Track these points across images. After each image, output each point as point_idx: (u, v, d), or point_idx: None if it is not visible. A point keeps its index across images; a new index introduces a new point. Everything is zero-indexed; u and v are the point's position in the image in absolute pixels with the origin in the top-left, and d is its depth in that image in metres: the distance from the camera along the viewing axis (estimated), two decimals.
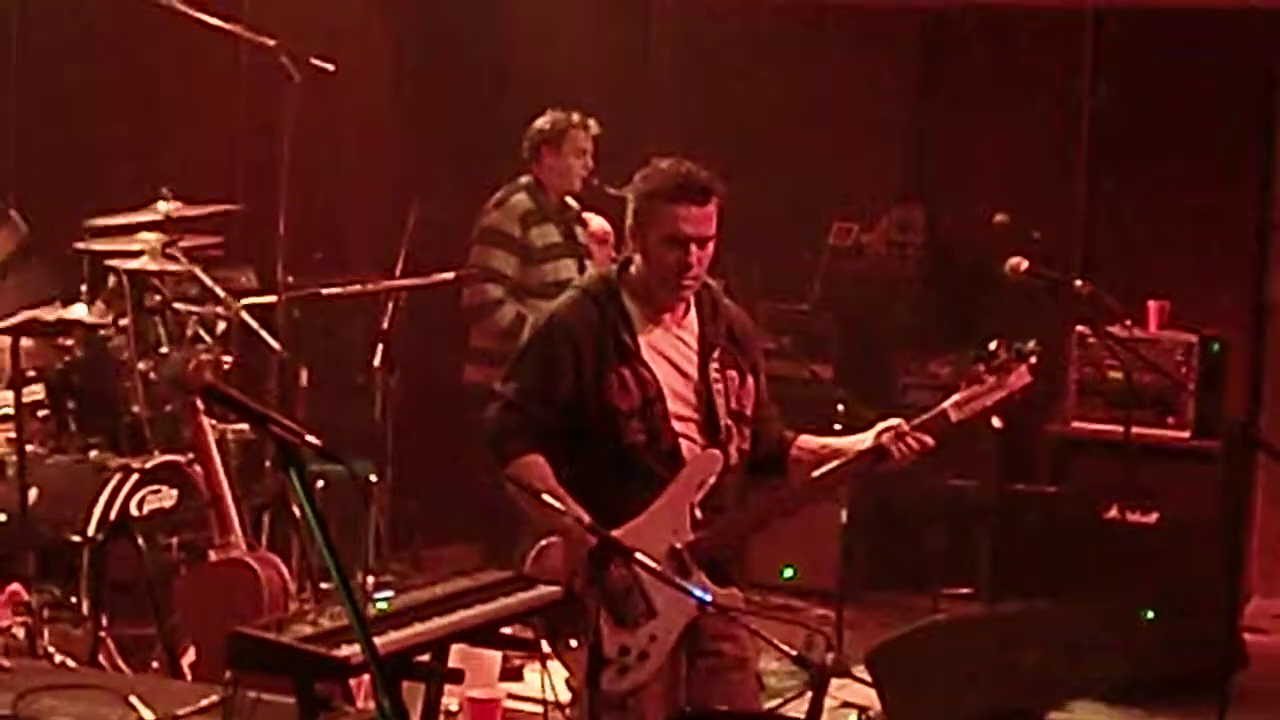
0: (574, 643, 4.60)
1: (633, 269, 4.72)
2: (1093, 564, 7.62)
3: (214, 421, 5.89)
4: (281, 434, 3.16)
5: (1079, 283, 6.11)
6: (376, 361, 7.44)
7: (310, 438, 3.17)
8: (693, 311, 4.74)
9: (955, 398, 4.84)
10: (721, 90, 8.99)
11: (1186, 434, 7.94)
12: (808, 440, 4.91)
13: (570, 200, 7.32)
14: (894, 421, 4.81)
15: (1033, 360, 4.84)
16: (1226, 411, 8.08)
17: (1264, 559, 8.46)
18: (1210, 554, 7.68)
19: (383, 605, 4.30)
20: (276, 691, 4.28)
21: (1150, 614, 7.06)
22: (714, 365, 4.70)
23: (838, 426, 7.10)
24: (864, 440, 4.80)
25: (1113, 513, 7.79)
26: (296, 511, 6.35)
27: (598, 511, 4.48)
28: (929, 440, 4.76)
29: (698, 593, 4.47)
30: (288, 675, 4.06)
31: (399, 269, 7.48)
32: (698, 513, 4.66)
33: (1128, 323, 7.86)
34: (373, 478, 7.46)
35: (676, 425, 4.65)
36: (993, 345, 4.85)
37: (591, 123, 7.25)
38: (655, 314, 4.69)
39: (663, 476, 4.64)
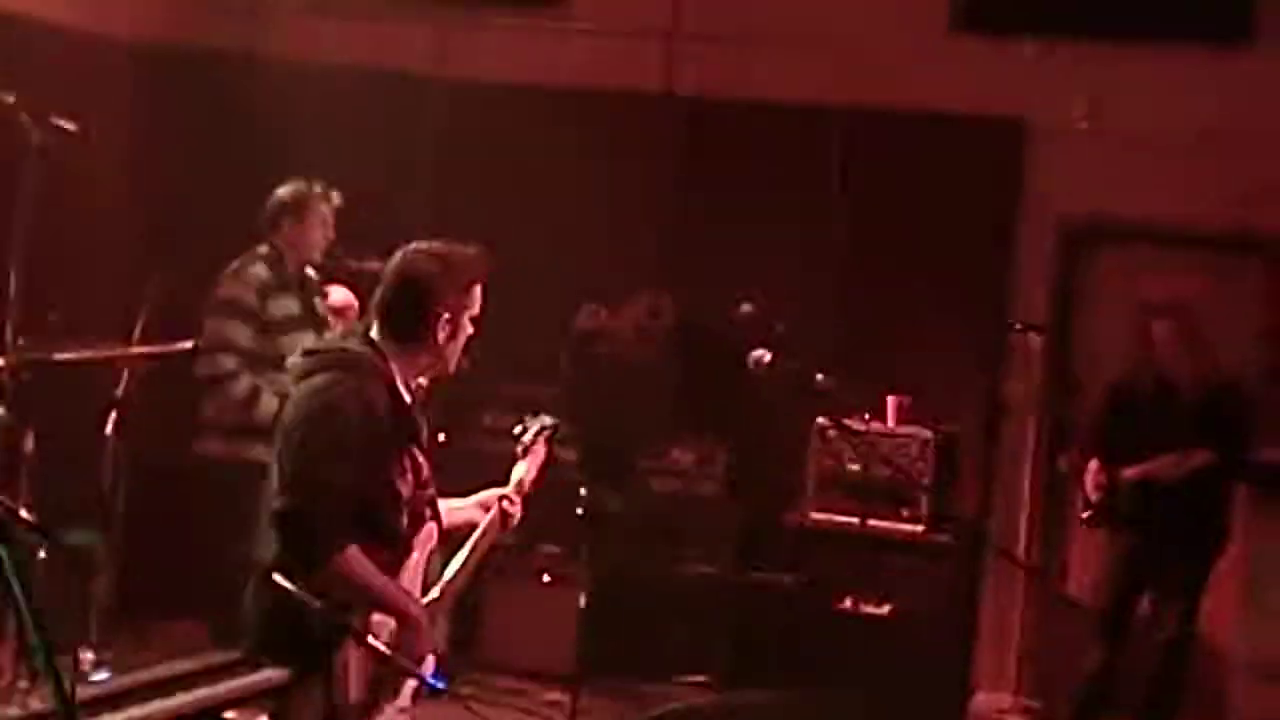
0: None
1: (395, 349, 4.61)
2: (827, 653, 7.72)
3: None
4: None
5: (820, 377, 6.20)
6: (108, 429, 7.21)
7: (24, 513, 3.03)
8: None
9: (520, 473, 5.07)
10: (482, 170, 8.97)
11: (920, 528, 8.11)
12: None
13: (310, 271, 7.22)
14: (501, 491, 5.02)
15: (548, 434, 5.19)
16: (959, 506, 8.27)
17: (989, 653, 8.63)
18: (940, 646, 7.84)
19: (98, 686, 4.14)
20: None
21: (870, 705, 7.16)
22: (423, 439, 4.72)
23: (579, 511, 7.10)
24: (469, 504, 4.98)
25: (847, 603, 7.91)
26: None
27: None
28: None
29: (432, 681, 4.45)
30: None
31: (136, 336, 7.28)
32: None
33: (866, 416, 8.04)
34: (98, 548, 7.22)
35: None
36: (517, 429, 5.21)
37: (334, 194, 7.17)
38: (408, 390, 4.64)
39: (404, 556, 4.64)
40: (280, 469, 4.56)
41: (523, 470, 5.07)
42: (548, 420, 5.25)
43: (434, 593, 4.83)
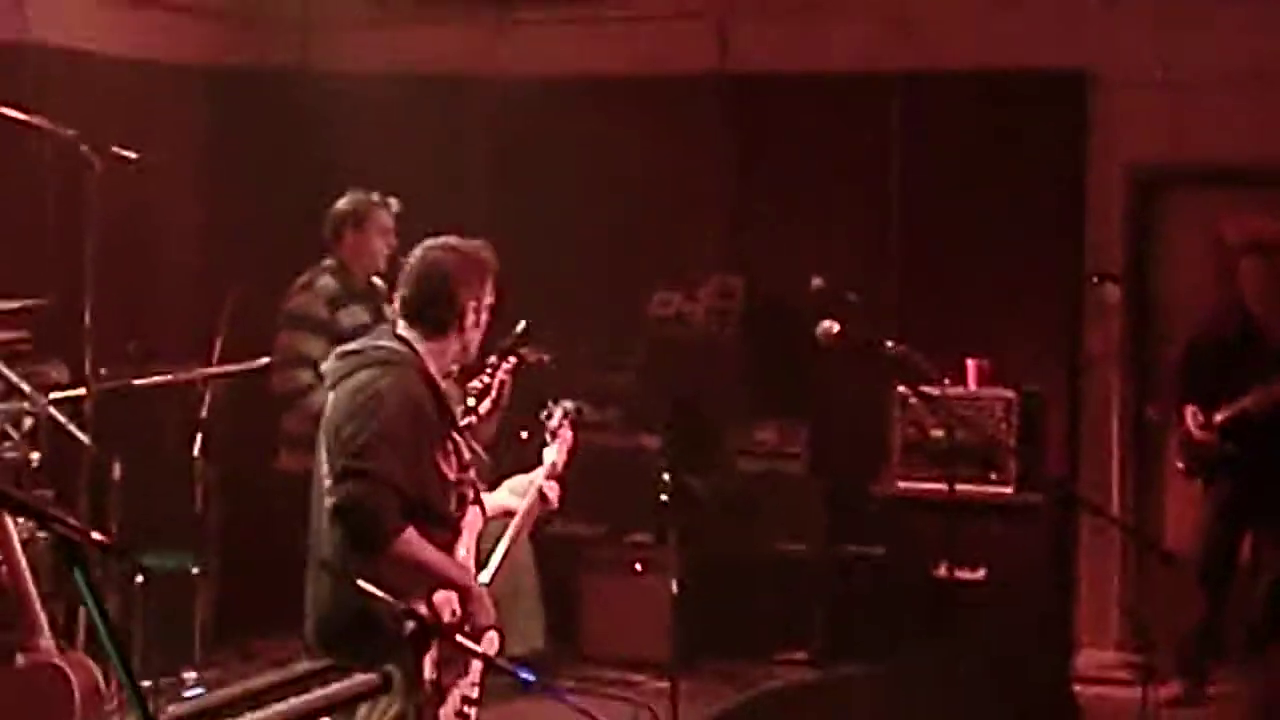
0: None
1: (428, 344, 4.87)
2: (924, 622, 7.68)
3: (21, 520, 5.72)
4: (64, 531, 3.05)
5: (890, 344, 6.16)
6: (195, 451, 7.29)
7: (95, 534, 3.07)
8: None
9: (551, 456, 5.36)
10: (540, 166, 8.98)
11: (1009, 490, 8.05)
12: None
13: (376, 280, 7.26)
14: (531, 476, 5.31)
15: (572, 417, 5.46)
16: (1047, 465, 8.20)
17: (1090, 610, 8.56)
18: (1038, 607, 7.78)
19: (192, 702, 4.20)
20: None
21: (980, 670, 7.09)
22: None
23: (664, 498, 7.10)
24: (502, 491, 5.27)
25: (941, 571, 7.86)
26: (110, 610, 6.17)
27: None
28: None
29: (524, 675, 4.51)
30: None
31: (215, 356, 7.35)
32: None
33: (947, 381, 7.98)
34: (194, 570, 7.30)
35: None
36: (543, 414, 5.46)
37: (393, 201, 7.21)
38: (443, 380, 4.90)
39: (454, 539, 4.88)
40: (331, 465, 4.75)
41: (553, 454, 5.35)
42: (570, 404, 5.48)
43: (484, 576, 4.98)
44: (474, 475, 4.94)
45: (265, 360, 7.12)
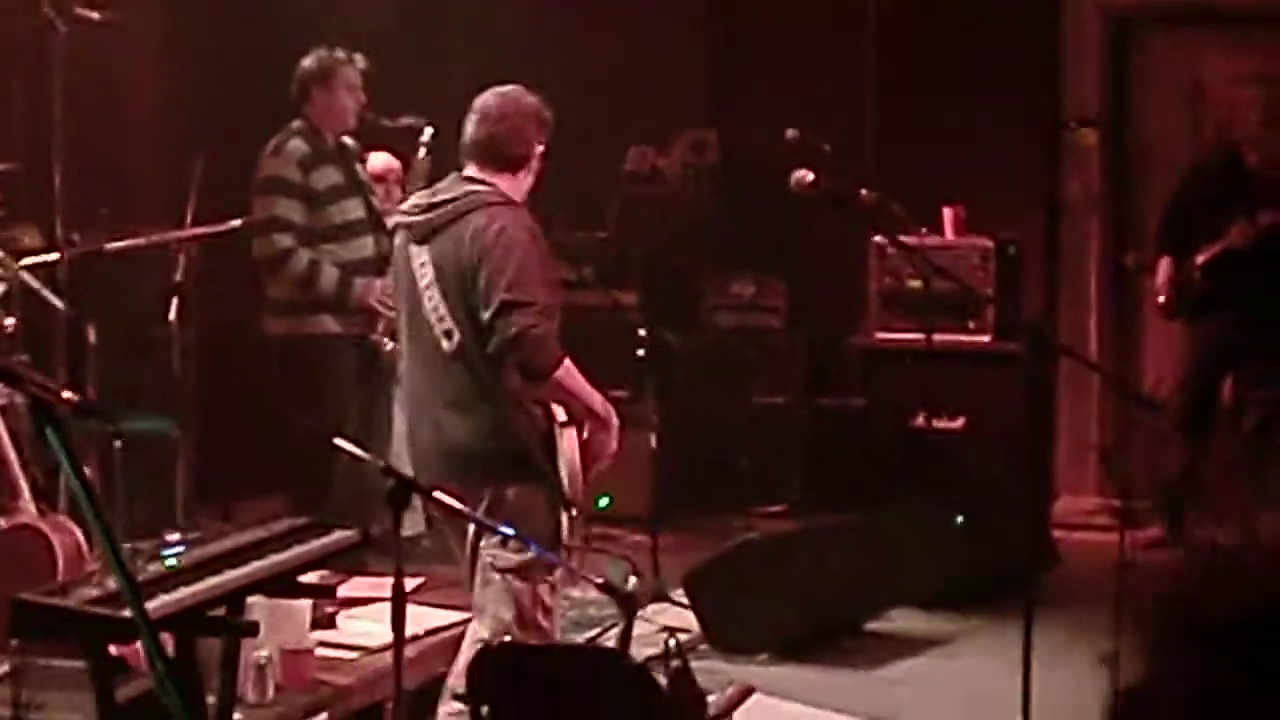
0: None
1: (509, 183, 5.01)
2: (902, 472, 7.71)
3: (1, 385, 5.72)
4: (37, 391, 3.04)
5: (864, 192, 6.13)
6: (171, 315, 7.26)
7: (67, 394, 3.05)
8: None
9: None
10: (509, 19, 8.88)
11: (987, 338, 8.06)
12: None
13: (347, 139, 7.19)
14: None
15: None
16: (1025, 313, 8.20)
17: (1070, 458, 8.61)
18: (1017, 456, 7.80)
19: (171, 562, 4.21)
20: (71, 657, 4.17)
21: (960, 519, 7.14)
22: None
23: (641, 353, 7.10)
24: None
25: (919, 421, 7.88)
26: (88, 473, 6.19)
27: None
28: None
29: (503, 529, 4.74)
30: (74, 639, 3.97)
31: (188, 220, 7.30)
32: None
33: (924, 230, 7.96)
34: (172, 433, 7.30)
35: None
36: None
37: (358, 57, 7.12)
38: None
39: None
40: (466, 309, 4.90)
41: None
42: None
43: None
44: None
45: (237, 222, 7.06)
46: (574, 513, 4.96)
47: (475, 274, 4.87)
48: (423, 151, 7.09)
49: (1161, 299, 7.83)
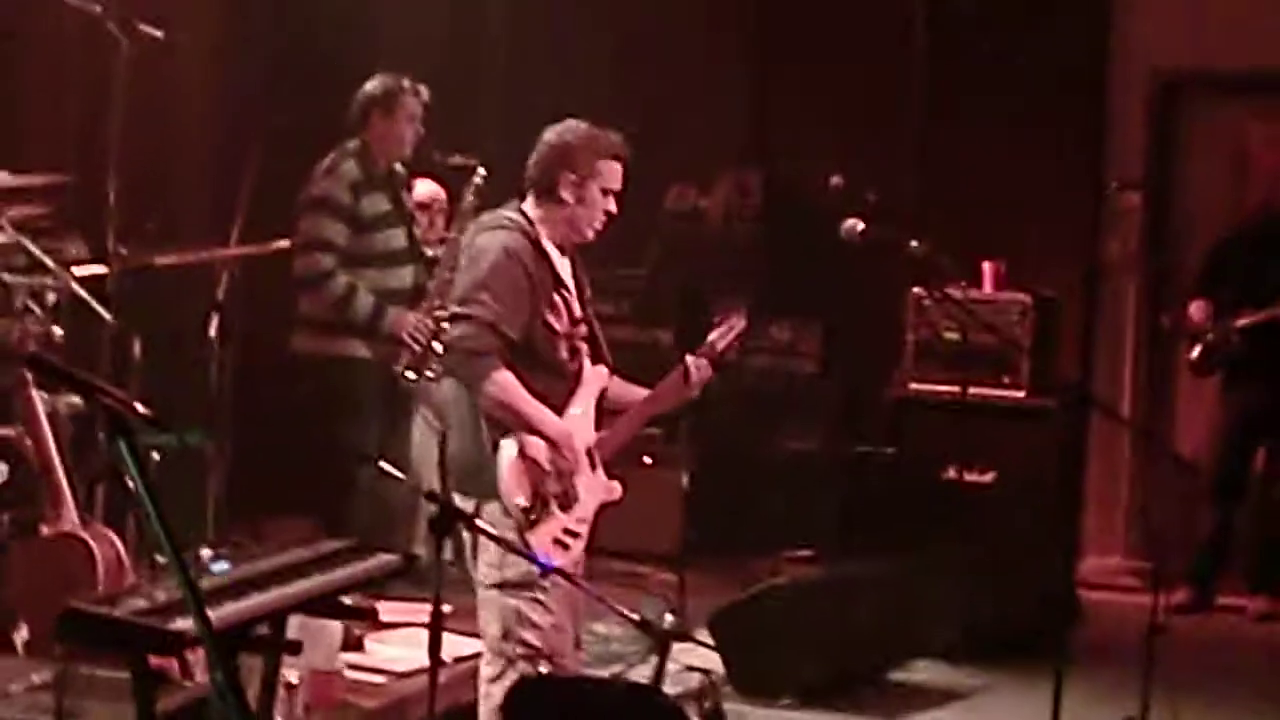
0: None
1: (538, 211, 5.20)
2: (932, 523, 7.72)
3: (44, 394, 5.77)
4: (110, 403, 3.08)
5: (915, 243, 6.15)
6: (211, 332, 7.30)
7: (139, 406, 3.09)
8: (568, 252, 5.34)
9: (712, 335, 5.60)
10: (556, 54, 8.93)
11: (1022, 394, 8.08)
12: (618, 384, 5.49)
13: (398, 167, 7.23)
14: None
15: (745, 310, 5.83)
16: (1060, 370, 8.22)
17: (1097, 516, 8.61)
18: (1046, 512, 7.82)
19: (219, 577, 4.24)
20: (111, 667, 4.20)
21: (986, 572, 7.15)
22: (586, 296, 5.35)
23: None
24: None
25: (950, 473, 7.89)
26: (129, 483, 6.22)
27: None
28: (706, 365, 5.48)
29: (542, 560, 4.91)
30: (121, 650, 3.99)
31: (234, 239, 7.34)
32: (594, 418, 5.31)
33: (963, 284, 7.98)
34: (207, 448, 7.34)
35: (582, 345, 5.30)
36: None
37: (423, 88, 7.13)
38: (557, 249, 5.23)
39: (573, 388, 5.24)
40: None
41: (716, 335, 5.57)
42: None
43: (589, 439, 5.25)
44: (584, 330, 5.25)
45: (285, 243, 7.10)
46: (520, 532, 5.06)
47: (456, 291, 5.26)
48: (471, 193, 7.12)
49: (1194, 353, 7.84)
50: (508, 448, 5.08)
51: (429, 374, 7.00)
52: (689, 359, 5.47)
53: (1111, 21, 8.58)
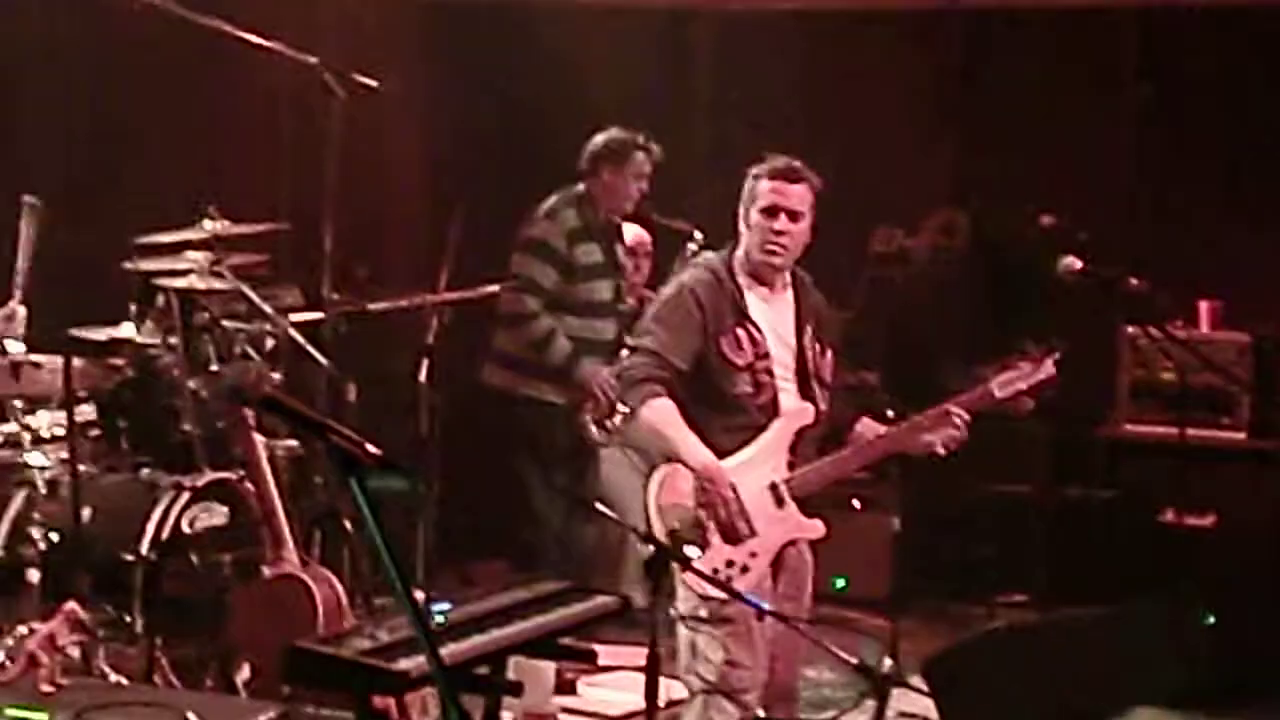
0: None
1: (741, 249, 5.34)
2: (1149, 568, 7.54)
3: (264, 438, 5.87)
4: (342, 443, 3.12)
5: (1134, 281, 6.04)
6: (421, 376, 7.39)
7: (371, 448, 3.12)
8: (790, 290, 5.43)
9: (998, 379, 5.64)
10: (763, 101, 8.94)
11: (1243, 435, 7.88)
12: (869, 425, 5.58)
13: (617, 220, 7.24)
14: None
15: (1058, 355, 5.74)
16: None
17: None
18: (1267, 557, 7.60)
19: (440, 618, 4.27)
20: (332, 706, 4.25)
21: (1210, 618, 6.96)
22: (808, 335, 5.39)
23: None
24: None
25: (1169, 516, 7.71)
26: (349, 525, 6.33)
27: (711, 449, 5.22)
28: (967, 416, 5.52)
29: (753, 600, 4.99)
30: (346, 689, 4.04)
31: (442, 284, 7.43)
32: (790, 457, 5.33)
33: (1179, 322, 7.82)
34: (419, 493, 7.41)
35: (776, 381, 5.30)
36: (1028, 344, 5.70)
37: (655, 147, 7.14)
38: (759, 285, 5.34)
39: (761, 423, 5.27)
40: None
41: (1003, 378, 5.66)
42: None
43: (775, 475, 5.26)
44: (769, 364, 5.27)
45: (494, 288, 7.17)
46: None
47: None
48: (688, 255, 7.12)
49: None
50: (656, 476, 5.18)
51: (609, 427, 7.05)
52: (947, 409, 5.50)
53: None
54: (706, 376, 5.23)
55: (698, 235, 7.20)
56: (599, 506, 4.91)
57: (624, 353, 5.48)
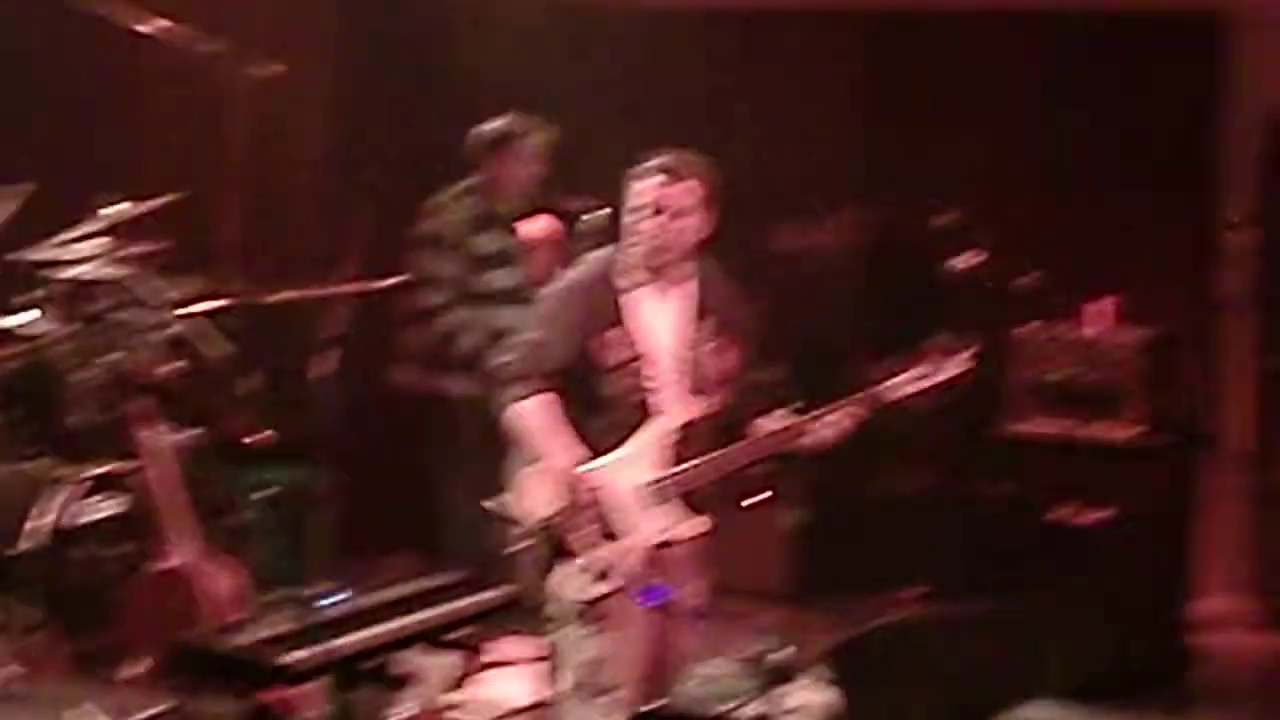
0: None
1: (626, 246, 5.32)
2: (1044, 563, 7.64)
3: (162, 428, 5.83)
4: (237, 432, 3.11)
5: (1028, 277, 6.11)
6: (320, 367, 7.35)
7: (262, 435, 3.12)
8: (692, 283, 5.38)
9: (898, 379, 5.59)
10: (665, 95, 8.95)
11: (1135, 432, 7.97)
12: (770, 421, 5.52)
13: (513, 207, 7.24)
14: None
15: (970, 353, 5.60)
16: (1176, 409, 8.10)
17: (1213, 556, 8.48)
18: (1159, 552, 7.72)
19: (332, 610, 4.27)
20: (223, 699, 4.23)
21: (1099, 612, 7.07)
22: (705, 330, 5.37)
23: None
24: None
25: (1062, 513, 7.81)
26: (245, 516, 6.30)
27: (584, 449, 5.21)
28: (864, 414, 5.52)
29: (655, 595, 5.16)
30: (231, 683, 4.03)
31: (346, 275, 7.39)
32: (674, 454, 5.30)
33: (1074, 321, 7.92)
34: (316, 485, 7.39)
35: (657, 380, 5.28)
36: (940, 337, 5.59)
37: (548, 129, 7.14)
38: (651, 281, 5.30)
39: (638, 421, 5.26)
40: None
41: (902, 378, 5.64)
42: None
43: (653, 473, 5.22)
44: (638, 365, 5.24)
45: (399, 279, 7.15)
46: None
47: None
48: (585, 232, 7.13)
49: None
50: (529, 471, 5.21)
51: None
52: (832, 413, 5.49)
53: (1227, 58, 8.48)
54: (583, 375, 5.25)
55: (601, 213, 7.18)
56: (487, 506, 4.95)
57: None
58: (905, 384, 5.53)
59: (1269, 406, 8.52)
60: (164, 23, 6.61)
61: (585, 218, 7.17)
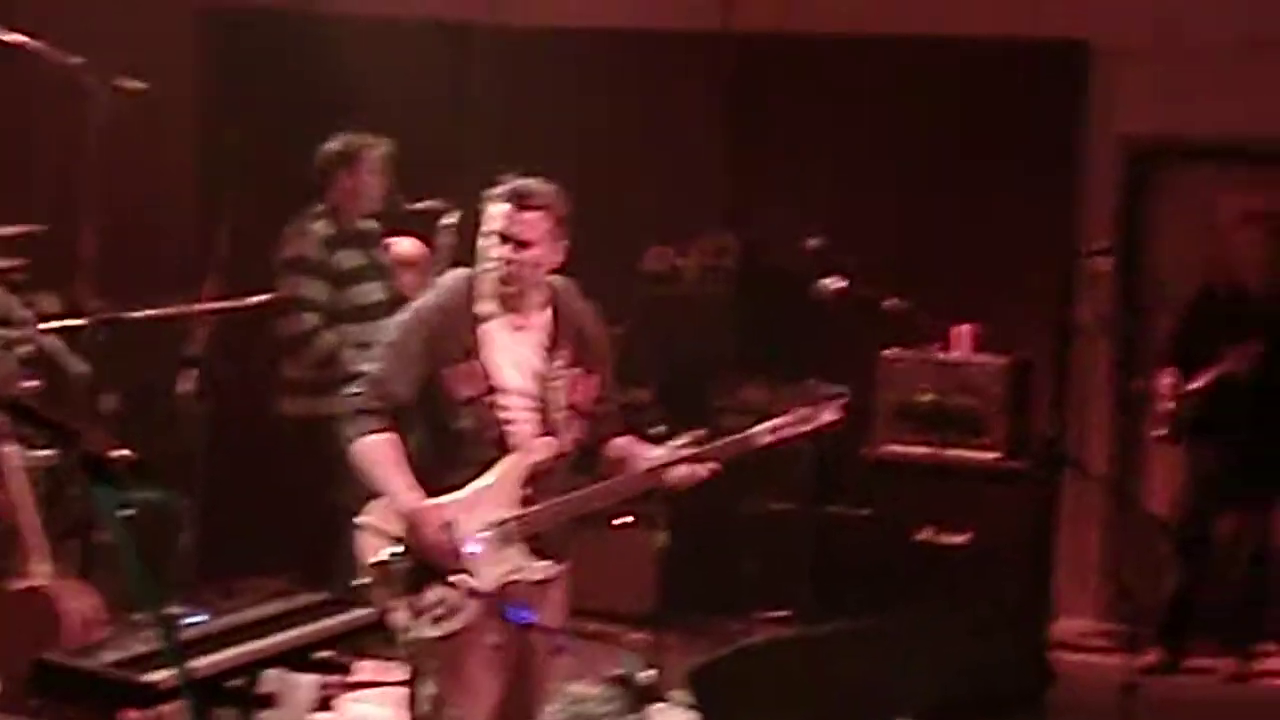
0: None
1: (479, 274, 5.03)
2: (906, 584, 7.72)
3: (16, 445, 5.71)
4: (92, 450, 3.06)
5: (893, 302, 6.18)
6: (186, 387, 7.26)
7: (120, 453, 3.08)
8: (547, 310, 5.08)
9: (767, 425, 5.31)
10: (537, 117, 8.97)
11: (996, 455, 8.09)
12: (628, 443, 5.27)
13: (370, 222, 7.24)
14: (701, 432, 5.42)
15: (842, 401, 5.47)
16: (1034, 433, 8.24)
17: (1070, 578, 8.61)
18: (1020, 573, 7.83)
19: (193, 629, 4.21)
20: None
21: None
22: (562, 360, 5.05)
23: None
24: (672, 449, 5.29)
25: (925, 534, 7.90)
26: (104, 536, 6.20)
27: (432, 486, 4.94)
28: (718, 465, 5.25)
29: (522, 614, 4.90)
30: (94, 702, 3.96)
31: (210, 293, 7.32)
32: (526, 492, 5.00)
33: (938, 345, 8.03)
34: (179, 506, 7.30)
35: (510, 414, 4.99)
36: (810, 383, 5.50)
37: (384, 141, 7.18)
38: (503, 311, 5.02)
39: (491, 457, 4.97)
40: None
41: (775, 422, 5.35)
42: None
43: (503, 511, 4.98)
44: (494, 398, 4.97)
45: (261, 298, 7.09)
46: None
47: None
48: (445, 237, 7.13)
49: (1157, 429, 7.90)
50: (374, 505, 4.98)
51: None
52: (687, 466, 5.20)
53: (1085, 88, 8.65)
54: (431, 408, 4.99)
55: (451, 214, 7.15)
56: (358, 523, 4.85)
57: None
58: (776, 430, 5.30)
59: (1125, 428, 8.68)
60: (22, 37, 6.48)
61: (444, 221, 7.17)
